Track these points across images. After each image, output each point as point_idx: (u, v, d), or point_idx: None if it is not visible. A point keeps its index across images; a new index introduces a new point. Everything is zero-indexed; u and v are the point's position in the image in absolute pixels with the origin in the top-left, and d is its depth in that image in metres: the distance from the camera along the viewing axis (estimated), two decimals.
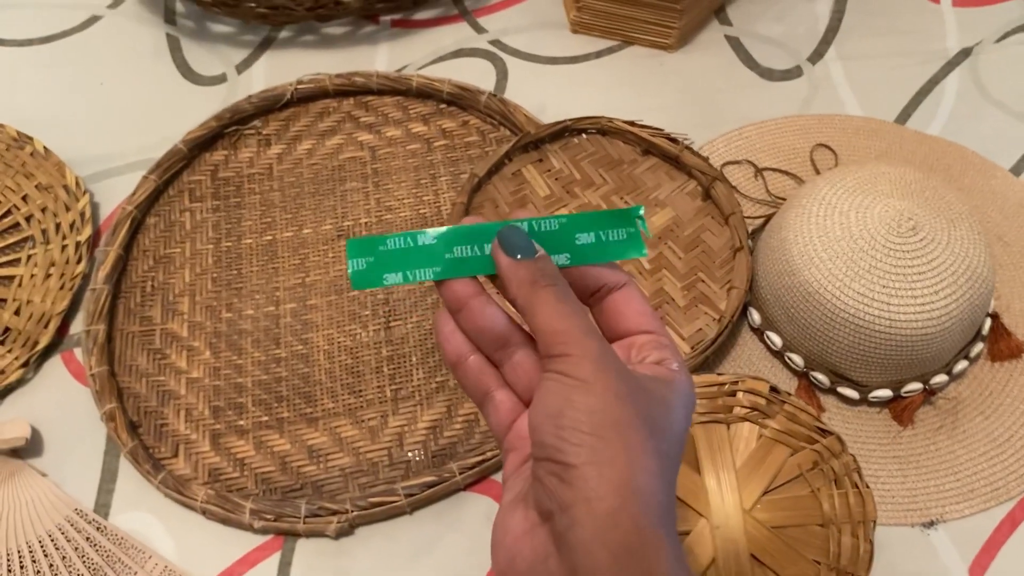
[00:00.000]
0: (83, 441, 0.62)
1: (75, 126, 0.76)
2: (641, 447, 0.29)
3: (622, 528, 0.28)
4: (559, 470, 0.29)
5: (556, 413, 0.30)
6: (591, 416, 0.29)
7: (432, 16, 0.82)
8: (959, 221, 0.58)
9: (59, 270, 0.67)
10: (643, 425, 0.30)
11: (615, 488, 0.28)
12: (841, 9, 0.81)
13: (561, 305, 0.32)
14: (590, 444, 0.28)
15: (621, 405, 0.29)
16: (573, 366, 0.30)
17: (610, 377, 0.30)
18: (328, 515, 0.58)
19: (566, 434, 0.29)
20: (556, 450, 0.29)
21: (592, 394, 0.29)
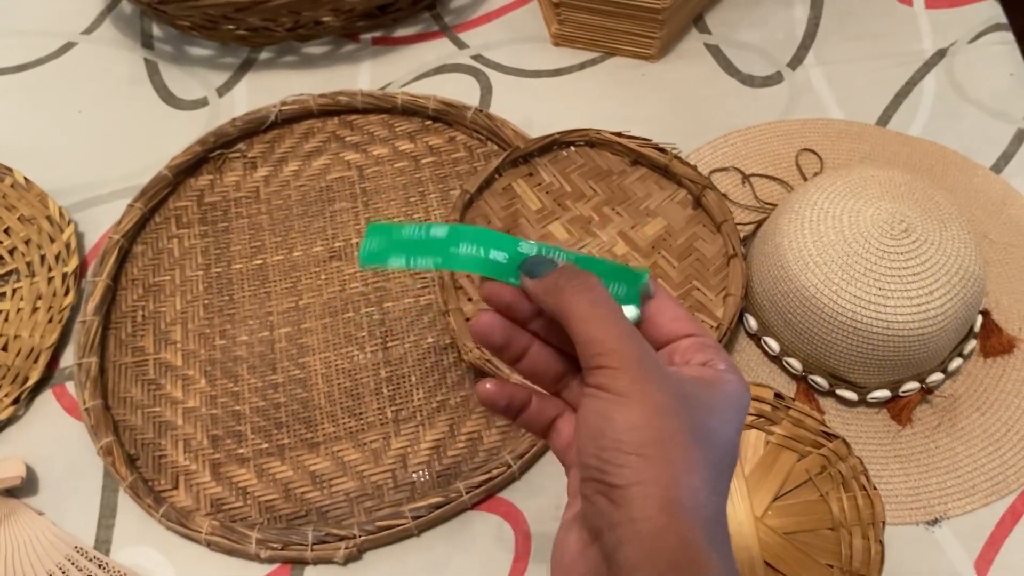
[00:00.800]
0: (79, 477, 0.61)
1: (56, 155, 0.75)
2: (686, 462, 0.29)
3: (668, 547, 0.27)
4: (605, 490, 0.29)
5: (597, 433, 0.29)
6: (632, 433, 0.29)
7: (413, 33, 0.82)
8: (949, 221, 0.59)
9: (46, 303, 0.66)
10: (688, 437, 0.29)
11: (661, 507, 0.28)
12: (817, 15, 0.82)
13: (594, 309, 0.31)
14: (633, 464, 0.28)
15: (663, 419, 0.29)
16: (611, 378, 0.30)
17: (651, 388, 0.29)
18: (336, 541, 0.57)
19: (608, 455, 0.29)
20: (600, 471, 0.29)
21: (632, 409, 0.29)
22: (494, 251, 0.34)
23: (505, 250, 0.34)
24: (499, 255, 0.34)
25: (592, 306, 0.31)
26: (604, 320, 0.31)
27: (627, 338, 0.30)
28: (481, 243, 0.34)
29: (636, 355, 0.30)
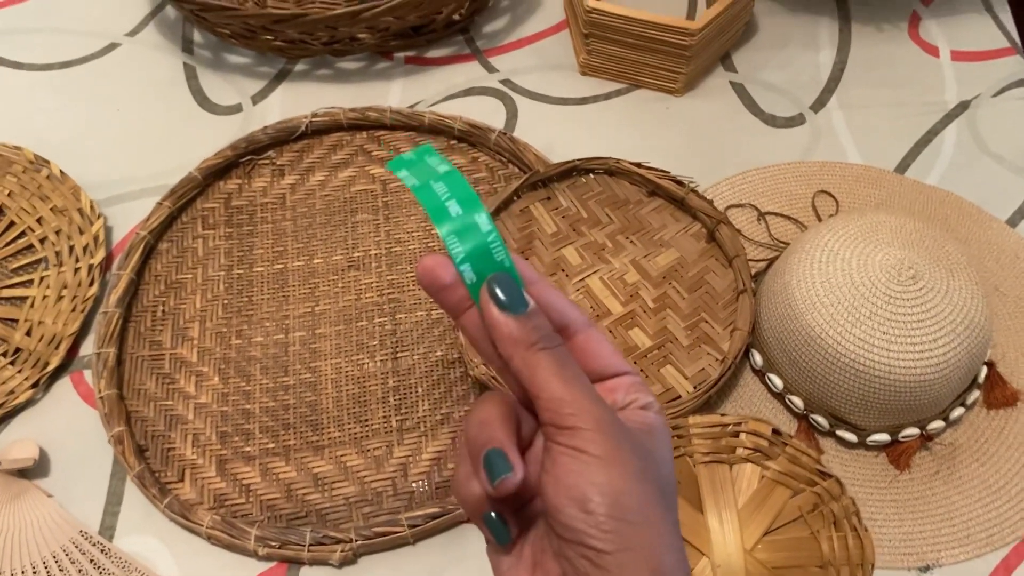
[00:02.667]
0: (90, 463, 0.62)
1: (91, 151, 0.77)
2: (663, 523, 0.30)
3: None
4: (592, 555, 0.29)
5: (581, 497, 0.29)
6: (617, 500, 0.29)
7: (445, 55, 0.84)
8: (958, 271, 0.59)
9: (71, 292, 0.68)
10: (660, 498, 0.30)
11: (650, 572, 0.29)
12: (843, 60, 0.83)
13: (563, 370, 0.31)
14: (620, 531, 0.29)
15: (640, 483, 0.29)
16: (587, 442, 0.29)
17: (625, 453, 0.30)
18: (332, 544, 0.58)
19: (595, 520, 0.29)
20: (586, 535, 0.29)
21: (612, 475, 0.29)
22: (453, 202, 0.32)
23: (463, 207, 0.32)
24: (454, 207, 0.32)
25: (561, 368, 0.31)
26: (574, 381, 0.31)
27: (597, 400, 0.31)
28: (452, 189, 0.33)
29: (608, 417, 0.30)
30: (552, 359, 0.31)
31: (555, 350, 0.31)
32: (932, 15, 0.86)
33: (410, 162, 0.34)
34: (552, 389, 0.30)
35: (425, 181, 0.33)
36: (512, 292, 0.31)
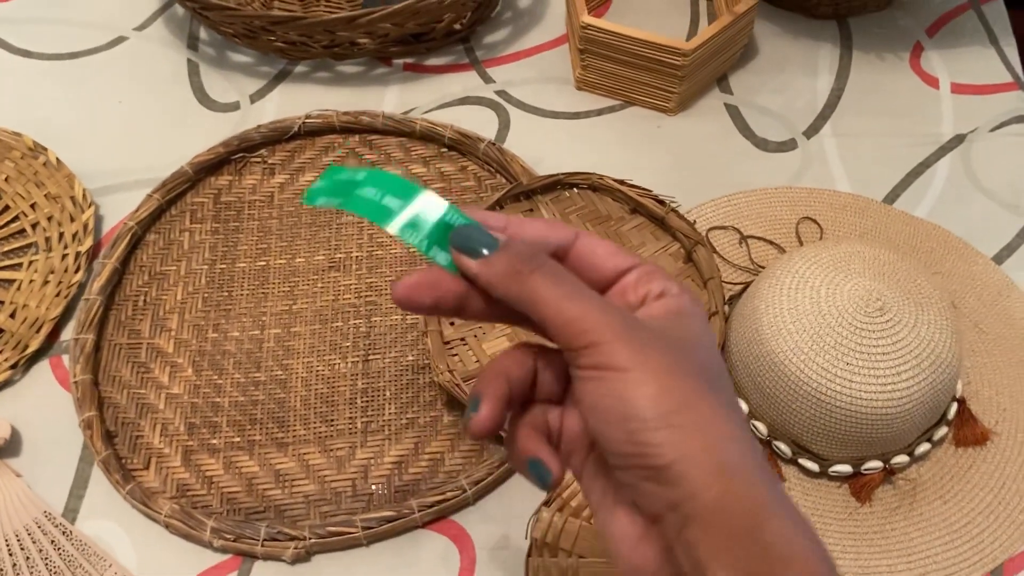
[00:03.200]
0: (60, 446, 0.64)
1: (89, 140, 0.79)
2: (715, 415, 0.28)
3: (733, 511, 0.26)
4: (652, 474, 0.27)
5: (619, 417, 0.28)
6: (656, 407, 0.27)
7: (443, 63, 0.85)
8: (928, 305, 0.59)
9: (57, 278, 0.70)
10: (701, 386, 0.28)
11: (715, 472, 0.27)
12: (841, 87, 0.83)
13: (559, 287, 0.29)
14: (670, 439, 0.27)
15: (677, 379, 0.28)
16: (607, 356, 0.28)
17: (651, 353, 0.28)
18: (286, 540, 0.59)
19: (641, 437, 0.27)
20: (639, 456, 0.27)
21: (644, 382, 0.27)
22: (389, 197, 0.31)
23: (402, 198, 0.31)
24: (393, 202, 0.31)
25: (557, 285, 0.29)
26: (575, 295, 0.29)
27: (605, 307, 0.29)
28: (382, 186, 0.31)
29: (621, 322, 0.28)
30: (544, 279, 0.29)
31: (543, 269, 0.30)
32: (935, 46, 0.85)
33: (323, 189, 0.32)
34: (556, 311, 0.29)
35: (349, 193, 0.32)
36: (477, 236, 0.30)
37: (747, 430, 0.29)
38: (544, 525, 0.53)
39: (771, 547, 0.26)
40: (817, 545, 0.27)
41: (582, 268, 0.32)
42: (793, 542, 0.26)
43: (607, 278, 0.32)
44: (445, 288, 0.31)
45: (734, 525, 0.26)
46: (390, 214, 0.31)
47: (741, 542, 0.26)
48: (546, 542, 0.53)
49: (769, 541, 0.26)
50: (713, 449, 0.27)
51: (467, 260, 0.30)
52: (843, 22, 0.87)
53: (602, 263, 0.32)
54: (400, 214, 0.31)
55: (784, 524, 0.27)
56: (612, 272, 0.32)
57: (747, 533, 0.26)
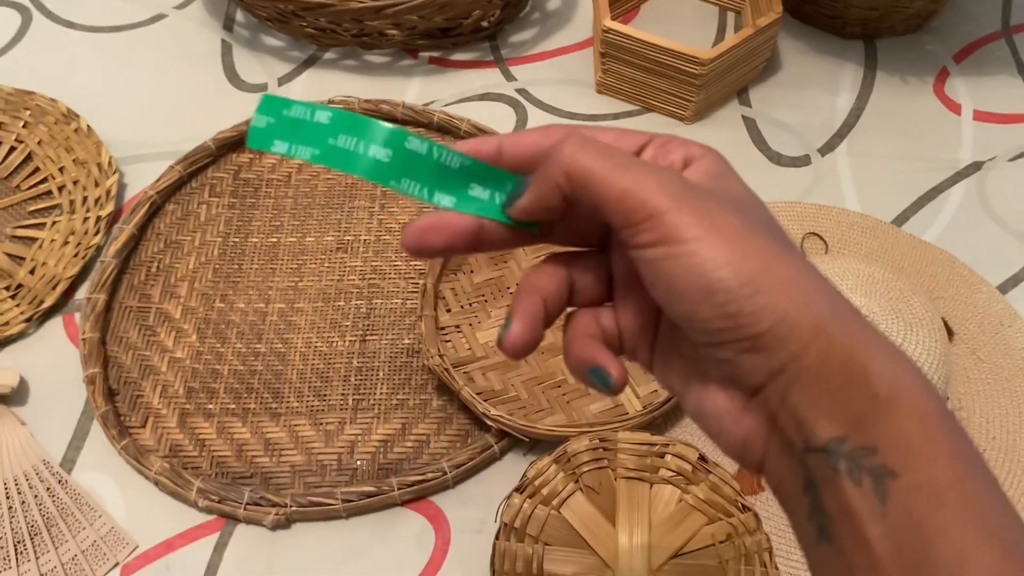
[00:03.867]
0: (64, 399, 0.66)
1: (120, 111, 0.82)
2: (796, 270, 0.27)
3: (836, 362, 0.26)
4: (750, 344, 0.26)
5: (704, 292, 0.26)
6: (740, 274, 0.26)
7: (468, 59, 0.87)
8: (918, 326, 0.59)
9: (76, 239, 0.73)
10: (774, 243, 0.27)
11: (813, 329, 0.26)
12: (861, 107, 0.82)
13: (609, 158, 0.28)
14: (761, 304, 0.26)
15: (751, 239, 0.26)
16: (672, 225, 0.26)
17: (715, 216, 0.26)
18: (268, 506, 0.61)
19: (733, 308, 0.26)
20: (735, 329, 0.26)
21: (719, 248, 0.26)
22: (374, 147, 0.29)
23: (390, 147, 0.29)
24: (380, 152, 0.29)
25: (605, 155, 0.28)
26: (627, 165, 0.27)
27: (660, 173, 0.27)
28: (360, 135, 0.29)
29: (681, 186, 0.27)
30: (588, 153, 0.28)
31: (587, 146, 0.28)
32: (961, 72, 0.85)
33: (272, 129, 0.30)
34: (608, 185, 0.27)
35: (320, 141, 0.29)
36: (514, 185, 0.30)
37: (827, 279, 0.28)
38: (514, 510, 0.55)
39: (875, 390, 0.25)
40: (921, 378, 0.26)
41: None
42: (896, 381, 0.25)
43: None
44: (455, 227, 0.30)
45: (838, 375, 0.26)
46: (379, 167, 0.29)
47: (844, 391, 0.25)
48: (514, 527, 0.54)
49: (873, 384, 0.25)
50: (805, 305, 0.26)
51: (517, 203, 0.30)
52: (870, 43, 0.87)
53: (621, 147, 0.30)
54: (391, 166, 0.29)
55: (885, 364, 0.26)
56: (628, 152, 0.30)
57: (850, 381, 0.25)
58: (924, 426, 0.25)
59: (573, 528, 0.54)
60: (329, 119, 0.30)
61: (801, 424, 0.26)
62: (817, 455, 0.26)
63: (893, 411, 0.25)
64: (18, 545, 0.60)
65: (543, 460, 0.56)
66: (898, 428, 0.25)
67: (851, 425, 0.25)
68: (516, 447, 0.64)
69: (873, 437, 0.25)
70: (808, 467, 0.26)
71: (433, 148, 0.30)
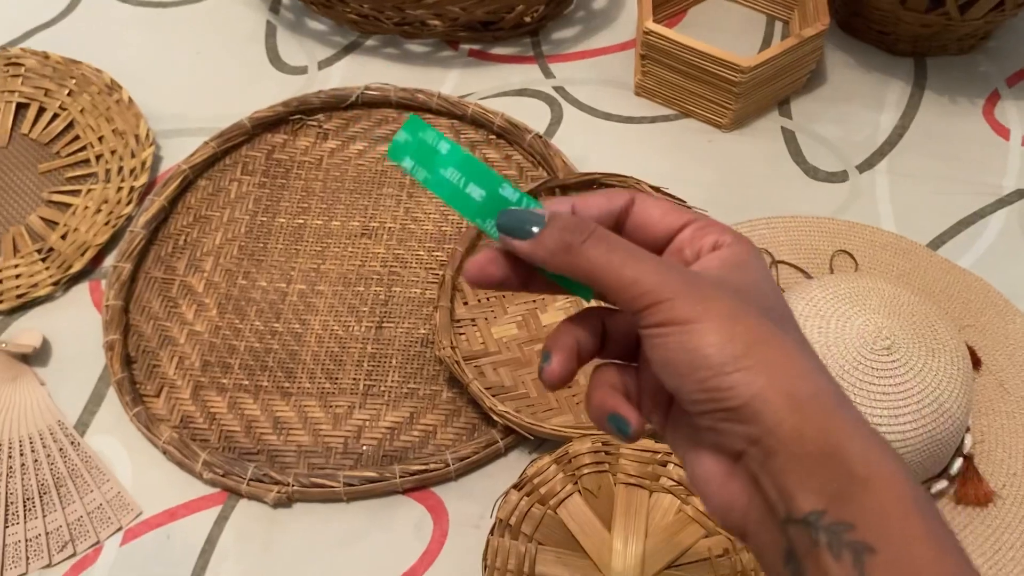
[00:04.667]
0: (84, 363, 0.68)
1: (162, 86, 0.83)
2: (784, 352, 0.29)
3: (811, 439, 0.27)
4: (728, 415, 0.29)
5: (689, 368, 0.29)
6: (723, 353, 0.28)
7: (508, 53, 0.87)
8: (941, 352, 0.57)
9: (109, 208, 0.74)
10: (767, 326, 0.29)
11: (791, 407, 0.28)
12: (905, 125, 0.80)
13: (614, 253, 0.30)
14: (741, 380, 0.28)
15: (740, 323, 0.29)
16: (670, 312, 0.29)
17: (711, 302, 0.29)
18: (271, 483, 0.61)
19: (713, 383, 0.28)
20: (714, 401, 0.29)
21: (708, 331, 0.28)
22: (473, 185, 0.33)
23: (485, 188, 0.33)
24: (476, 191, 0.33)
25: (611, 252, 0.30)
26: (631, 258, 0.30)
27: (661, 267, 0.30)
28: (464, 172, 0.33)
29: (679, 279, 0.30)
30: (596, 249, 0.30)
31: (594, 237, 0.31)
32: (1013, 96, 0.82)
33: (408, 145, 0.34)
34: (614, 277, 0.30)
35: (434, 170, 0.33)
36: (522, 216, 0.32)
37: (819, 362, 0.30)
38: (510, 507, 0.54)
39: (852, 470, 0.27)
40: (898, 462, 0.28)
41: (639, 229, 0.33)
42: (872, 462, 0.27)
43: (663, 237, 0.33)
44: (511, 264, 0.33)
45: (814, 452, 0.27)
46: (472, 205, 0.33)
47: (822, 467, 0.27)
48: (509, 524, 0.54)
49: (850, 464, 0.27)
50: (784, 384, 0.28)
51: (517, 242, 0.32)
52: (920, 61, 0.85)
53: (657, 223, 0.33)
54: (482, 205, 0.33)
55: (863, 445, 0.28)
56: (667, 231, 0.33)
57: (827, 457, 0.27)
58: (900, 506, 0.27)
59: (568, 530, 0.53)
60: (447, 152, 0.34)
61: (782, 492, 0.28)
62: (798, 526, 0.27)
63: (869, 490, 0.27)
64: (27, 502, 0.61)
65: (543, 459, 0.55)
66: (875, 506, 0.27)
67: (830, 500, 0.27)
68: (522, 444, 0.64)
69: (851, 513, 0.27)
70: (789, 537, 0.28)
71: (523, 199, 0.33)
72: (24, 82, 0.81)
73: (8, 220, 0.75)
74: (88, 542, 0.60)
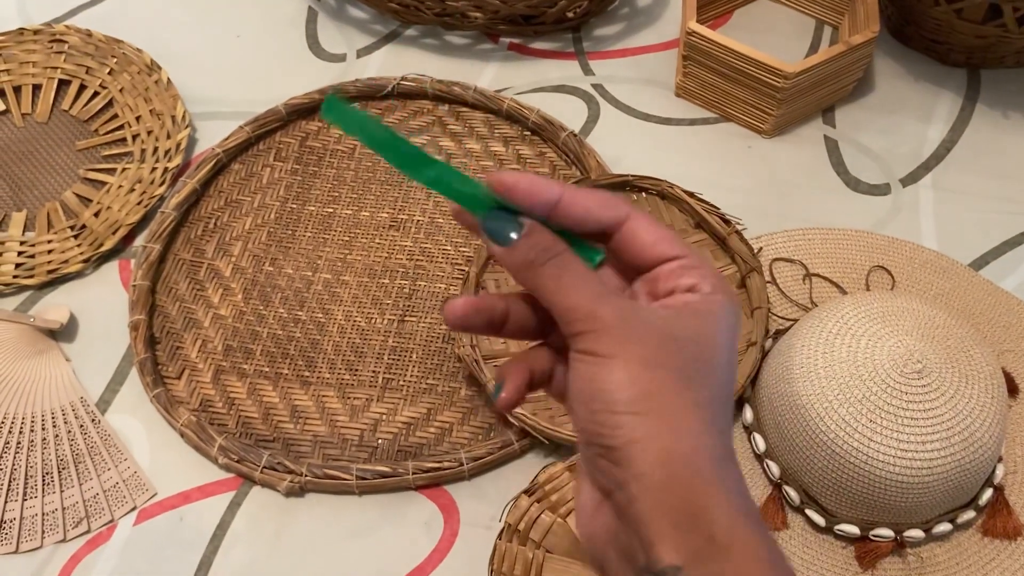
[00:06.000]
0: (109, 341, 0.68)
1: (201, 68, 0.84)
2: (680, 408, 0.29)
3: (677, 495, 0.28)
4: (604, 452, 0.29)
5: (588, 397, 0.30)
6: (621, 392, 0.29)
7: (548, 48, 0.85)
8: (975, 379, 0.55)
9: (142, 188, 0.74)
10: (678, 382, 0.30)
11: (662, 461, 0.28)
12: (953, 139, 0.78)
13: (565, 278, 0.31)
14: (626, 423, 0.29)
15: (650, 371, 0.29)
16: (593, 342, 0.30)
17: (631, 344, 0.30)
18: (284, 472, 0.61)
19: (601, 418, 0.29)
20: (596, 435, 0.29)
21: (616, 368, 0.29)
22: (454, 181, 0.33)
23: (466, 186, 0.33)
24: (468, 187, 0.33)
25: (561, 275, 0.31)
26: (577, 286, 0.31)
27: (600, 299, 0.31)
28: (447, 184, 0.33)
29: (613, 314, 0.30)
30: (551, 271, 0.31)
31: (554, 261, 0.31)
32: None
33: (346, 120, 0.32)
34: (557, 300, 0.31)
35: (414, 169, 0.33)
36: (505, 223, 0.32)
37: (716, 427, 0.30)
38: (520, 512, 0.53)
39: (713, 533, 0.28)
40: (761, 532, 0.29)
41: (626, 249, 0.33)
42: (735, 529, 0.28)
43: (647, 262, 0.33)
44: (492, 308, 0.34)
45: (677, 509, 0.28)
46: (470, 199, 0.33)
47: (684, 525, 0.28)
48: (518, 529, 0.53)
49: (714, 525, 0.28)
50: (665, 438, 0.29)
51: (494, 246, 0.32)
52: (974, 73, 0.82)
53: (645, 248, 0.33)
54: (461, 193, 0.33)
55: (727, 512, 0.28)
56: (653, 258, 0.33)
57: (690, 518, 0.28)
58: (759, 570, 0.28)
59: (577, 539, 0.52)
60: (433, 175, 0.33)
61: (643, 541, 0.28)
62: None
63: (731, 556, 0.28)
64: (46, 476, 0.62)
65: (556, 466, 0.55)
66: (733, 570, 0.28)
67: (688, 558, 0.28)
68: (537, 448, 0.63)
69: (707, 573, 0.28)
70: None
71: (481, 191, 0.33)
72: (67, 59, 0.82)
73: (44, 195, 0.75)
74: (103, 519, 0.61)
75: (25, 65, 0.82)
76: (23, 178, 0.76)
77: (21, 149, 0.78)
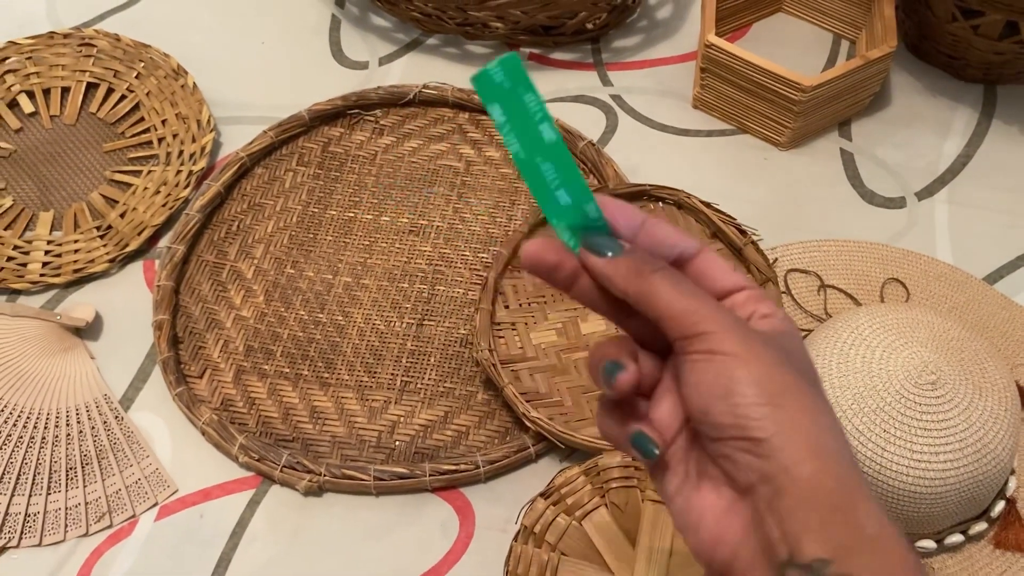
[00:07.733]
0: (133, 340, 0.69)
1: (227, 73, 0.85)
2: (815, 404, 0.30)
3: (826, 488, 0.28)
4: (749, 446, 0.30)
5: (725, 393, 0.30)
6: (760, 387, 0.30)
7: (568, 59, 0.86)
8: (989, 391, 0.55)
9: (167, 190, 0.76)
10: (804, 382, 0.31)
11: (810, 452, 0.29)
12: (970, 153, 0.78)
13: (678, 286, 0.32)
14: (771, 415, 0.29)
15: (780, 369, 0.30)
16: (719, 342, 0.31)
17: (757, 344, 0.31)
18: (303, 471, 0.62)
19: (743, 411, 0.30)
20: (739, 428, 0.30)
21: (751, 365, 0.30)
22: (563, 191, 0.33)
23: (573, 197, 0.33)
24: (564, 197, 0.33)
25: (676, 284, 0.32)
26: (693, 293, 0.32)
27: (719, 307, 0.32)
28: (560, 174, 0.33)
29: (733, 320, 0.31)
30: (665, 279, 0.32)
31: (665, 271, 0.33)
32: None
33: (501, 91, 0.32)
34: (674, 305, 0.32)
35: (530, 151, 0.33)
36: (606, 241, 0.34)
37: (841, 428, 0.31)
38: (535, 515, 0.54)
39: (862, 526, 0.28)
40: (900, 531, 0.29)
41: (699, 278, 0.34)
42: (883, 525, 0.29)
43: (718, 293, 0.34)
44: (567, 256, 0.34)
45: (827, 501, 0.28)
46: (557, 209, 0.34)
47: (833, 518, 0.28)
48: (533, 531, 0.54)
49: (861, 520, 0.28)
50: (811, 431, 0.29)
51: (594, 258, 0.33)
52: (991, 88, 0.82)
53: (717, 278, 0.34)
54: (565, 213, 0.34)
55: (874, 507, 0.29)
56: (724, 288, 0.34)
57: (839, 510, 0.28)
58: (903, 570, 0.28)
59: (592, 542, 0.53)
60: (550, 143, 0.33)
61: (787, 535, 0.28)
62: (799, 571, 0.28)
63: (877, 549, 0.28)
64: (69, 471, 0.63)
65: (572, 469, 0.55)
66: (879, 565, 0.28)
67: (837, 550, 0.28)
68: (553, 452, 0.64)
69: (856, 567, 0.27)
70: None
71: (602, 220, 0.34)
72: (95, 63, 0.84)
73: (72, 196, 0.77)
74: (125, 515, 0.62)
75: (55, 68, 0.84)
76: (51, 179, 0.78)
77: (49, 150, 0.80)
